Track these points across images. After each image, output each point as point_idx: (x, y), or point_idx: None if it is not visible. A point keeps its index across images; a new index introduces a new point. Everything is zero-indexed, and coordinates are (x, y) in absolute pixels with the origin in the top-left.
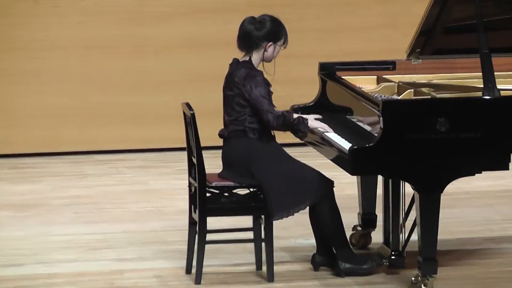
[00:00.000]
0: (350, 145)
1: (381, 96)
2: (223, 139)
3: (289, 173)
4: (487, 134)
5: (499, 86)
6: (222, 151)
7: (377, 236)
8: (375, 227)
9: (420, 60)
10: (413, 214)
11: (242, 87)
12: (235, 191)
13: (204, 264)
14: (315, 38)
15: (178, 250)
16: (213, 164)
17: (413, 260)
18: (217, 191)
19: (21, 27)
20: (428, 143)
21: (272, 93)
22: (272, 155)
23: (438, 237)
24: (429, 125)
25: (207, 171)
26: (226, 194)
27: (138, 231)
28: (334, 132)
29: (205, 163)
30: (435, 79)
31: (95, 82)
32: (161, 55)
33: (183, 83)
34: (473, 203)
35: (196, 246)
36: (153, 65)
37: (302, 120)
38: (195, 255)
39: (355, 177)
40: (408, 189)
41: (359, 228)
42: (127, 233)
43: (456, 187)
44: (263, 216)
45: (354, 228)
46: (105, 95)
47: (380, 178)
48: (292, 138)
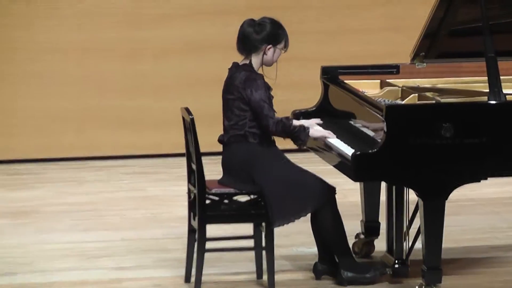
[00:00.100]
0: (353, 150)
1: (384, 100)
2: (223, 144)
3: (291, 179)
4: (492, 139)
5: (505, 90)
6: (222, 156)
7: (380, 244)
8: (378, 235)
9: (425, 64)
10: (417, 222)
11: (242, 90)
12: (235, 198)
13: (204, 272)
14: (316, 41)
15: (177, 258)
16: (212, 170)
17: (417, 269)
18: (217, 198)
19: (19, 28)
20: (432, 149)
21: (272, 97)
22: (273, 160)
23: (443, 245)
24: (434, 131)
25: (207, 177)
26: (226, 201)
27: (137, 238)
28: (337, 138)
29: (204, 169)
30: (439, 83)
31: (93, 85)
32: (159, 58)
33: (182, 87)
34: (478, 211)
35: (195, 254)
36: (152, 68)
37: (303, 129)
38: (194, 263)
39: (358, 183)
40: (412, 196)
41: (362, 236)
42: (126, 241)
43: (461, 194)
44: (263, 224)
45: (357, 236)
46: (103, 98)
47: (383, 185)
48: (293, 143)
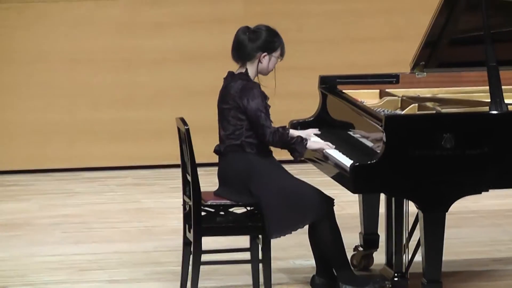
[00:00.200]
0: (351, 161)
1: (384, 111)
2: (219, 155)
3: (288, 190)
4: (494, 150)
5: (507, 100)
6: (218, 167)
7: (379, 257)
8: (377, 247)
9: (425, 73)
10: (417, 234)
11: (238, 99)
12: (231, 209)
13: (199, 286)
14: (315, 49)
15: (172, 271)
16: (208, 181)
17: (417, 282)
18: (212, 210)
19: (4, 38)
20: (433, 160)
21: (269, 106)
22: (270, 171)
23: (443, 258)
24: (434, 141)
25: (202, 189)
26: (222, 213)
27: (130, 251)
28: (335, 149)
29: (200, 180)
30: (440, 93)
31: (84, 97)
32: (154, 68)
33: (176, 97)
34: (479, 223)
35: (190, 267)
36: (146, 78)
37: (300, 140)
38: (189, 277)
39: (356, 195)
40: (411, 208)
41: (360, 249)
42: (119, 254)
43: (462, 206)
44: (260, 236)
45: (356, 248)
46: (95, 110)
47: (382, 197)
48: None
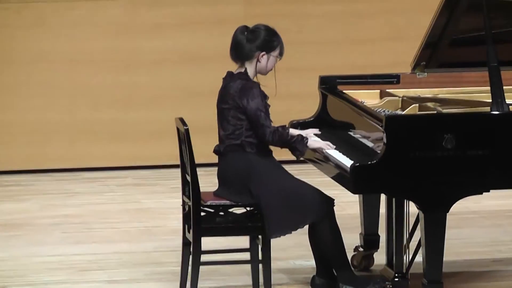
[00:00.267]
0: (351, 162)
1: (384, 111)
2: (218, 155)
3: (288, 190)
4: (495, 151)
5: (508, 100)
6: (217, 167)
7: (380, 257)
8: (378, 248)
9: (426, 74)
10: (418, 235)
11: (238, 99)
12: (231, 210)
13: (199, 286)
14: (315, 50)
15: (172, 271)
16: (208, 182)
17: (417, 283)
18: (212, 210)
19: (4, 38)
20: (433, 161)
21: (269, 105)
22: (270, 171)
23: (444, 258)
24: (435, 142)
25: (202, 189)
26: (221, 213)
27: (130, 251)
28: (335, 149)
29: (199, 180)
30: (441, 93)
31: (84, 97)
32: (153, 68)
33: (176, 98)
34: (480, 223)
35: (190, 268)
36: (145, 79)
37: (301, 139)
38: (189, 277)
39: (356, 195)
40: (412, 209)
41: (361, 249)
42: (118, 254)
43: (463, 206)
44: (260, 236)
45: (356, 249)
46: (95, 110)
47: (383, 197)
48: (290, 154)
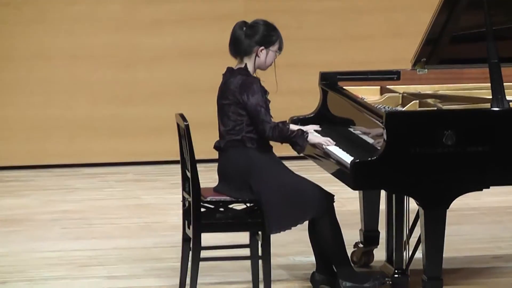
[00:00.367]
0: (351, 158)
1: (384, 107)
2: (219, 150)
3: (289, 186)
4: (495, 147)
5: (508, 97)
6: (218, 163)
7: (379, 253)
8: (378, 244)
9: (426, 70)
10: (418, 231)
11: (238, 95)
12: (231, 206)
13: (199, 282)
14: (316, 47)
15: (171, 267)
16: (208, 178)
17: (417, 279)
18: (212, 206)
19: (4, 34)
20: (433, 157)
21: (269, 101)
22: (270, 167)
23: (444, 255)
24: (435, 138)
25: (202, 185)
26: (221, 209)
27: (130, 247)
28: (335, 145)
29: (199, 176)
30: (441, 89)
31: (83, 93)
32: (153, 64)
33: (176, 94)
34: (480, 220)
35: (190, 264)
36: (145, 75)
37: (301, 133)
38: (189, 273)
39: (356, 192)
40: (412, 205)
41: (361, 245)
42: (118, 250)
43: (463, 202)
44: (260, 233)
45: (356, 245)
46: (95, 106)
47: (383, 193)
48: (291, 150)
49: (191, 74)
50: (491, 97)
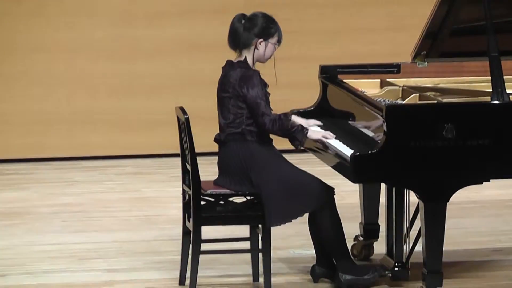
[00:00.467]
0: (352, 151)
1: (384, 100)
2: (219, 143)
3: (289, 179)
4: (495, 140)
5: (508, 90)
6: (218, 156)
7: (379, 246)
8: (378, 237)
9: (426, 63)
10: (418, 224)
11: (238, 88)
12: (231, 199)
13: (199, 275)
14: (316, 40)
15: (171, 260)
16: (208, 171)
17: (417, 272)
18: (212, 199)
19: (4, 27)
20: (433, 150)
21: (269, 94)
22: (271, 160)
23: (444, 248)
24: (435, 131)
25: (202, 178)
26: (221, 202)
27: (130, 240)
28: (336, 138)
29: (199, 169)
30: (441, 83)
31: (83, 86)
32: (153, 57)
33: (176, 87)
34: (481, 213)
35: (190, 257)
36: (145, 68)
37: (301, 129)
38: (189, 266)
39: (357, 185)
40: (412, 198)
41: (361, 239)
42: (118, 243)
43: (463, 196)
44: (260, 225)
45: (356, 238)
46: (95, 99)
47: (383, 186)
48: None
49: (191, 67)
50: (491, 90)
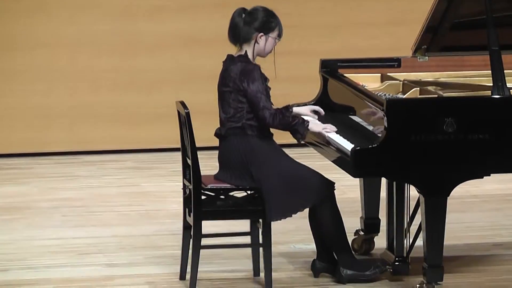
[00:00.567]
0: (352, 146)
1: (385, 94)
2: (219, 138)
3: (289, 173)
4: (496, 135)
5: (509, 84)
6: (218, 151)
7: (380, 241)
8: (378, 232)
9: (427, 58)
10: (418, 219)
11: (238, 82)
12: (231, 193)
13: (199, 270)
14: (317, 34)
15: (172, 255)
16: (208, 165)
17: (418, 267)
18: (212, 194)
19: (6, 22)
20: (434, 144)
21: (269, 88)
22: (271, 154)
23: (444, 242)
24: (436, 126)
25: (202, 172)
26: (222, 196)
27: (130, 235)
28: (336, 133)
29: (200, 164)
30: (442, 77)
31: (84, 80)
32: (154, 52)
33: (177, 81)
34: (481, 207)
35: (190, 251)
36: (146, 62)
37: (302, 121)
38: (189, 261)
39: (357, 179)
40: (413, 193)
41: (361, 233)
42: (118, 238)
43: (463, 190)
44: (261, 220)
45: (356, 233)
46: (96, 93)
47: (383, 181)
48: (291, 138)
49: (192, 61)
50: (491, 84)
